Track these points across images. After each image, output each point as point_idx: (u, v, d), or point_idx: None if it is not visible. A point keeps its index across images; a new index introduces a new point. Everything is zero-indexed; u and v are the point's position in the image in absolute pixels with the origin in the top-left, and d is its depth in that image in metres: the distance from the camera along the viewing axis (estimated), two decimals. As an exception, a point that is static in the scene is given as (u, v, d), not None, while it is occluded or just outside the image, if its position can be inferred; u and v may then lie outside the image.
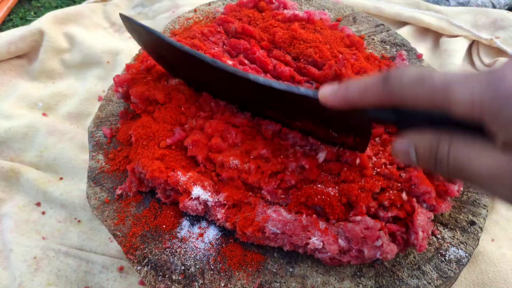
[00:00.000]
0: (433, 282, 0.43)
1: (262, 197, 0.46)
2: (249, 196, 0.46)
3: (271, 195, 0.46)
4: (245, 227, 0.43)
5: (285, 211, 0.44)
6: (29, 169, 0.75)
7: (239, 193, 0.46)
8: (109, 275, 0.64)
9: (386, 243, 0.40)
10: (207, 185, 0.46)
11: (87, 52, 0.92)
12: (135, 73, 0.55)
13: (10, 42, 0.89)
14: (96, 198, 0.51)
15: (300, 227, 0.42)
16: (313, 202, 0.43)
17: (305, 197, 0.44)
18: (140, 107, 0.53)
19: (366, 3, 0.93)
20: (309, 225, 0.42)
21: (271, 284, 0.44)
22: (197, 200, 0.45)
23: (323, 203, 0.43)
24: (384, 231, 0.41)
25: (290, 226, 0.42)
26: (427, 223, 0.42)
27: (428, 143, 0.29)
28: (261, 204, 0.45)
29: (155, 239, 0.47)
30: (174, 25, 0.66)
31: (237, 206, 0.46)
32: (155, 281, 0.44)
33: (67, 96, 0.88)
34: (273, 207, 0.44)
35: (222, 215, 0.45)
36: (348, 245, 0.42)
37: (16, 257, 0.65)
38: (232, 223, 0.45)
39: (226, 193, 0.45)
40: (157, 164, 0.47)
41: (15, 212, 0.71)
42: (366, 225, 0.41)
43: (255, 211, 0.44)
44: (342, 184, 0.44)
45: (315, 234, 0.42)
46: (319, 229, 0.42)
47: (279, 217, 0.43)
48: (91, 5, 1.04)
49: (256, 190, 0.46)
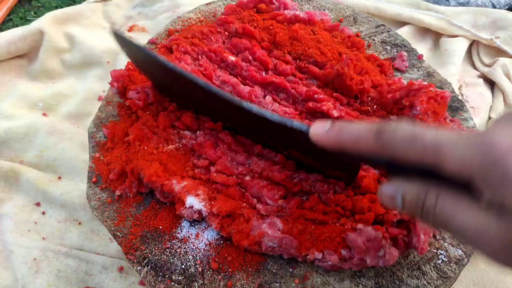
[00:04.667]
0: (433, 282, 0.43)
1: (257, 211, 0.45)
2: (243, 208, 0.45)
3: (267, 209, 0.45)
4: (241, 239, 0.43)
5: (281, 223, 0.43)
6: (29, 169, 0.75)
7: (233, 203, 0.45)
8: (109, 275, 0.64)
9: (388, 252, 0.40)
10: (201, 193, 0.45)
11: (87, 52, 0.92)
12: (132, 69, 0.55)
13: (10, 42, 0.89)
14: (96, 199, 0.51)
15: (297, 242, 0.42)
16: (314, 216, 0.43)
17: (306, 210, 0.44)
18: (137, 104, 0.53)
19: (366, 3, 0.93)
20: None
21: (271, 285, 0.44)
22: (191, 208, 0.45)
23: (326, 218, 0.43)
24: (385, 237, 0.41)
25: (287, 241, 0.42)
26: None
27: (416, 193, 0.29)
28: (255, 217, 0.44)
29: (155, 239, 0.47)
30: (174, 25, 0.66)
31: (231, 216, 0.45)
32: (155, 281, 0.44)
33: (67, 96, 0.88)
34: (268, 219, 0.44)
35: (217, 225, 0.45)
36: (349, 253, 0.41)
37: (17, 258, 0.65)
38: (227, 233, 0.45)
39: (219, 204, 0.45)
40: (155, 166, 0.47)
41: (14, 213, 0.71)
42: (368, 237, 0.40)
43: (249, 225, 0.43)
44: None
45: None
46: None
47: (275, 233, 0.42)
48: (91, 5, 1.04)
49: (250, 199, 0.46)
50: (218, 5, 0.68)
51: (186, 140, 0.51)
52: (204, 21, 0.66)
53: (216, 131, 0.50)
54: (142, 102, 0.53)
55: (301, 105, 0.53)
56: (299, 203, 0.45)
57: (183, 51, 0.57)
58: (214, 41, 0.59)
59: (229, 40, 0.60)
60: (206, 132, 0.51)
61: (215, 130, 0.51)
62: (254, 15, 0.62)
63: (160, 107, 0.53)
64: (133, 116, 0.55)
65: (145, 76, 0.54)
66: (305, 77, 0.55)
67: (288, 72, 0.54)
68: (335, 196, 0.44)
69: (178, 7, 1.02)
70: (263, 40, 0.58)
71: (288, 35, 0.58)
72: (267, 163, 0.47)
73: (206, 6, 0.69)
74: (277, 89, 0.54)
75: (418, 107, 0.46)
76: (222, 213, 0.44)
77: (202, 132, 0.51)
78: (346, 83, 0.50)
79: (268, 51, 0.58)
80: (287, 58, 0.56)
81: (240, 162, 0.48)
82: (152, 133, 0.51)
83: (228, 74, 0.56)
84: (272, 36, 0.58)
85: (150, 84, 0.53)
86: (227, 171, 0.47)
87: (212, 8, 0.68)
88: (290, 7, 0.64)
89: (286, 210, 0.45)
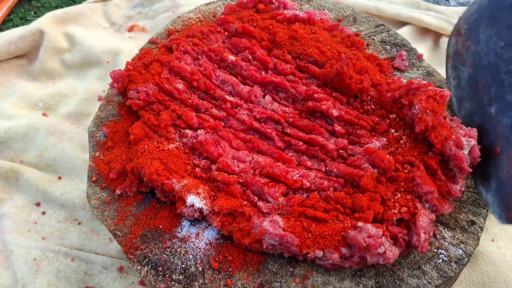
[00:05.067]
0: (433, 281, 0.43)
1: (258, 208, 0.45)
2: (244, 206, 0.45)
3: (268, 206, 0.45)
4: (242, 238, 0.43)
5: (282, 221, 0.43)
6: (29, 169, 0.75)
7: (234, 201, 0.45)
8: (109, 275, 0.64)
9: (389, 249, 0.40)
10: (202, 192, 0.45)
11: (87, 52, 0.92)
12: (131, 70, 0.55)
13: (10, 42, 0.89)
14: (97, 198, 0.51)
15: (298, 240, 0.42)
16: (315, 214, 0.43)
17: (307, 208, 0.44)
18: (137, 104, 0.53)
19: (366, 3, 0.93)
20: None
21: (271, 284, 0.44)
22: (192, 207, 0.45)
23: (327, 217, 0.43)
24: (386, 235, 0.41)
25: (288, 239, 0.42)
26: (429, 224, 0.42)
27: None
28: (256, 215, 0.44)
29: (155, 238, 0.47)
30: (174, 25, 0.66)
31: (232, 214, 0.45)
32: (156, 280, 0.44)
33: (67, 96, 0.88)
34: (269, 217, 0.44)
35: (218, 223, 0.45)
36: (350, 251, 0.41)
37: (17, 258, 0.65)
38: (228, 231, 0.45)
39: (220, 202, 0.45)
40: (156, 165, 0.47)
41: (14, 212, 0.71)
42: (368, 234, 0.40)
43: (250, 223, 0.43)
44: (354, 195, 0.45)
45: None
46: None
47: (276, 231, 0.42)
48: (91, 5, 1.04)
49: (251, 197, 0.46)
50: (218, 5, 0.68)
51: (187, 139, 0.51)
52: (204, 21, 0.66)
53: (216, 130, 0.50)
54: (142, 102, 0.53)
55: (301, 104, 0.53)
56: (299, 201, 0.45)
57: (183, 50, 0.57)
58: (214, 41, 0.59)
59: (229, 40, 0.60)
60: (207, 130, 0.51)
61: (216, 129, 0.51)
62: (254, 15, 0.62)
63: (161, 106, 0.53)
64: (134, 115, 0.55)
65: None
66: (304, 76, 0.55)
67: (287, 71, 0.54)
68: (335, 194, 0.44)
69: (178, 7, 1.02)
70: (262, 40, 0.58)
71: (288, 35, 0.58)
72: (267, 160, 0.47)
73: (206, 6, 0.69)
74: (277, 88, 0.54)
75: (417, 106, 0.46)
76: (223, 211, 0.44)
77: (202, 131, 0.51)
78: (345, 82, 0.50)
79: (267, 50, 0.58)
80: (286, 57, 0.56)
81: (240, 160, 0.48)
82: (153, 132, 0.51)
83: (228, 73, 0.56)
84: (271, 36, 0.58)
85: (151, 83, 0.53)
86: (228, 168, 0.47)
87: (212, 8, 0.68)
88: (290, 7, 0.64)
89: (287, 208, 0.44)
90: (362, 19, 0.66)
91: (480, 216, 0.47)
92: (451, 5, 0.97)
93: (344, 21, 0.66)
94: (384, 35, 0.64)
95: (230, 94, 0.54)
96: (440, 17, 0.90)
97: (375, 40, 0.63)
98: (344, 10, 0.68)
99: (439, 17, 0.90)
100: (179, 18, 0.67)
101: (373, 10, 0.93)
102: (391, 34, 0.64)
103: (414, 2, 0.95)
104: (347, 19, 0.66)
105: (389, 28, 0.65)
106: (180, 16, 0.67)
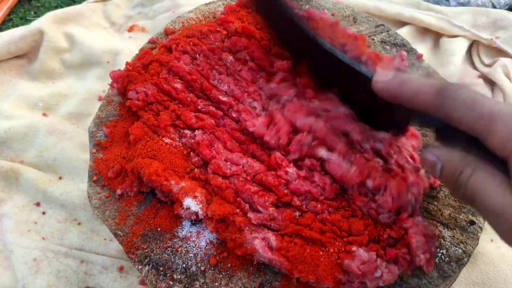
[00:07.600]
0: (433, 281, 0.43)
1: (248, 219, 0.44)
2: (236, 214, 0.44)
3: (259, 217, 0.43)
4: (235, 247, 0.43)
5: (275, 240, 0.42)
6: (29, 169, 0.75)
7: (227, 207, 0.44)
8: (109, 275, 0.64)
9: (385, 271, 0.39)
10: (199, 195, 0.45)
11: (87, 52, 0.92)
12: (130, 70, 0.55)
13: (10, 42, 0.89)
14: (97, 198, 0.51)
15: (288, 265, 0.41)
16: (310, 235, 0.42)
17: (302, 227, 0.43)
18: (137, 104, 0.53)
19: (366, 2, 0.93)
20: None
21: (272, 283, 0.44)
22: (188, 210, 0.45)
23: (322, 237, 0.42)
24: (380, 255, 0.40)
25: (277, 263, 0.41)
26: (426, 242, 0.41)
27: (454, 166, 0.30)
28: (247, 227, 0.43)
29: (156, 238, 0.47)
30: (174, 25, 0.66)
31: (225, 221, 0.45)
32: (156, 280, 0.44)
33: (67, 96, 0.88)
34: (262, 232, 0.43)
35: (212, 229, 0.44)
36: (347, 277, 0.40)
37: (17, 259, 0.65)
38: (223, 238, 0.44)
39: (213, 208, 0.44)
40: (155, 165, 0.47)
41: (14, 212, 0.71)
42: (361, 261, 0.39)
43: (243, 236, 0.42)
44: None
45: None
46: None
47: (265, 253, 0.41)
48: (91, 5, 1.04)
49: (243, 204, 0.45)
50: (218, 5, 0.68)
51: (186, 139, 0.51)
52: (204, 21, 0.66)
53: (212, 129, 0.50)
54: (141, 102, 0.52)
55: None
56: (291, 216, 0.43)
57: (182, 50, 0.57)
58: (213, 40, 0.59)
59: (229, 39, 0.60)
60: (205, 130, 0.50)
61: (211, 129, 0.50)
62: (252, 13, 0.62)
63: (160, 107, 0.53)
64: (134, 115, 0.55)
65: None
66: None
67: (285, 67, 0.54)
68: (331, 216, 0.43)
69: (178, 7, 1.02)
70: (262, 39, 0.58)
71: (288, 35, 0.58)
72: (261, 166, 0.47)
73: (206, 6, 0.69)
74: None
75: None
76: (216, 217, 0.44)
77: (200, 131, 0.50)
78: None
79: (267, 50, 0.58)
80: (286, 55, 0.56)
81: (234, 162, 0.47)
82: (153, 132, 0.51)
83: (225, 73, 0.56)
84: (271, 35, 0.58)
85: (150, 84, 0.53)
86: (219, 171, 0.46)
87: (212, 8, 0.68)
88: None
89: (279, 221, 0.43)
90: (362, 19, 0.66)
91: (479, 216, 0.47)
92: (451, 5, 0.97)
93: (344, 21, 0.66)
94: (384, 35, 0.64)
95: (226, 94, 0.54)
96: (440, 17, 0.90)
97: (375, 40, 0.63)
98: (344, 10, 0.68)
99: (439, 17, 0.91)
100: (179, 18, 0.67)
101: (373, 10, 0.93)
102: (391, 34, 0.64)
103: (414, 2, 0.95)
104: (347, 19, 0.66)
105: (389, 28, 0.65)
106: (180, 16, 0.67)
